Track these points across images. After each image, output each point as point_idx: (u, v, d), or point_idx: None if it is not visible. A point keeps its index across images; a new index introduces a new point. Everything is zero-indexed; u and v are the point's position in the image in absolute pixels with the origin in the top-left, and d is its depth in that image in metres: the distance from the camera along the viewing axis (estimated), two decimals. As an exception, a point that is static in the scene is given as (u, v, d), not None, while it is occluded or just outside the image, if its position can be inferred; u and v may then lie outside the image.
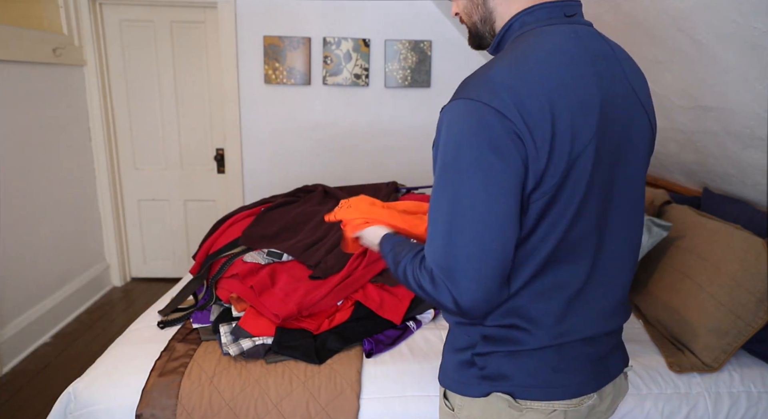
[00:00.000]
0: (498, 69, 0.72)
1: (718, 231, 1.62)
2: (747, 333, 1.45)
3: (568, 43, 0.75)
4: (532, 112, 0.68)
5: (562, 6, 0.80)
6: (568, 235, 0.76)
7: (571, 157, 0.71)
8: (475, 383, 0.85)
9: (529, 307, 0.80)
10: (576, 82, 0.72)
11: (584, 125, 0.71)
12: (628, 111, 0.79)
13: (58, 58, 2.79)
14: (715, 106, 1.50)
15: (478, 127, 0.69)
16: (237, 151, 3.33)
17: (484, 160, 0.68)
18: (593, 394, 0.85)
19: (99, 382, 1.42)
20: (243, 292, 1.68)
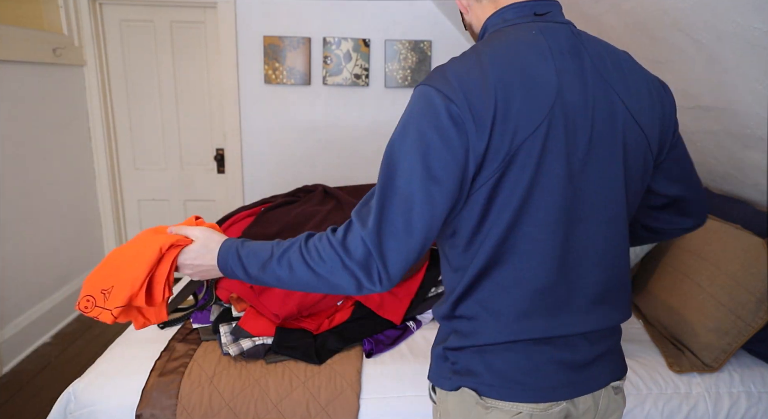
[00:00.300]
0: (454, 60, 0.78)
1: (718, 231, 1.62)
2: (747, 333, 1.45)
3: (528, 36, 0.78)
4: (476, 97, 0.72)
5: (531, 5, 0.82)
6: (521, 225, 0.76)
7: (514, 142, 0.73)
8: (448, 377, 0.87)
9: (492, 298, 0.81)
10: (527, 70, 0.74)
11: (531, 112, 0.73)
12: (602, 110, 0.78)
13: (58, 58, 2.79)
14: (715, 106, 1.50)
15: (426, 108, 0.73)
16: (237, 151, 3.33)
17: (426, 138, 0.72)
18: (562, 402, 0.82)
19: (99, 382, 1.42)
20: (243, 292, 1.68)
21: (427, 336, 1.65)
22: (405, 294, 1.73)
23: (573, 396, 0.83)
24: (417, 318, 1.73)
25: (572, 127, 0.76)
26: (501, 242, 0.77)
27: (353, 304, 1.70)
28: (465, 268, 0.82)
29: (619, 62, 0.83)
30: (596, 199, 0.80)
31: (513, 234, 0.77)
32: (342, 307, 1.70)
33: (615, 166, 0.80)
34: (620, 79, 0.81)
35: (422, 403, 1.41)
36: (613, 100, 0.79)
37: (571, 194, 0.77)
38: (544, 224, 0.77)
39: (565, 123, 0.75)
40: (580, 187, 0.78)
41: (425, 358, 1.53)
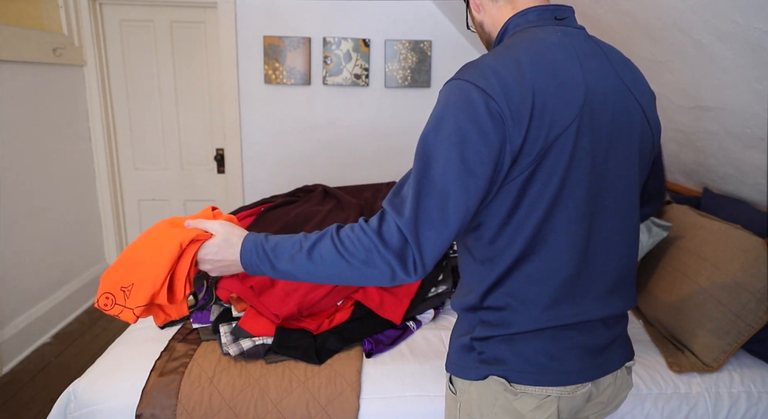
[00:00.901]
0: (488, 57, 0.80)
1: (718, 231, 1.62)
2: (747, 333, 1.45)
3: (555, 37, 0.82)
4: (514, 93, 0.75)
5: (552, 10, 0.87)
6: (552, 219, 0.80)
7: (549, 137, 0.76)
8: (474, 367, 0.89)
9: (523, 289, 0.84)
10: (559, 70, 0.78)
11: (565, 110, 0.77)
12: (621, 107, 0.84)
13: (58, 58, 2.79)
14: (715, 106, 1.50)
15: (463, 102, 0.75)
16: (237, 151, 3.33)
17: (463, 131, 0.74)
18: (588, 384, 0.87)
19: (99, 382, 1.42)
20: (243, 292, 1.68)
21: (427, 336, 1.65)
22: (405, 294, 1.73)
23: (596, 377, 0.88)
24: (417, 318, 1.73)
25: (597, 124, 0.80)
26: (534, 234, 0.80)
27: (353, 304, 1.70)
28: (493, 260, 0.84)
29: (629, 65, 0.89)
30: (615, 191, 0.85)
31: (545, 226, 0.80)
32: (342, 307, 1.70)
33: (631, 161, 0.86)
34: (634, 80, 0.88)
35: (422, 403, 1.41)
36: (629, 99, 0.85)
37: (595, 187, 0.82)
38: (573, 216, 0.81)
39: (591, 120, 0.79)
40: (602, 180, 0.83)
41: (425, 358, 1.53)
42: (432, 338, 1.64)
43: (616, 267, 0.88)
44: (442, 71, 3.29)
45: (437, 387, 1.44)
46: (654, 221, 1.77)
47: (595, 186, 0.82)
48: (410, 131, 3.37)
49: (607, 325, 0.90)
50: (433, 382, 1.45)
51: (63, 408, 1.41)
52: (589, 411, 0.94)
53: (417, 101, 3.33)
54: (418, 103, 3.34)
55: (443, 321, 1.75)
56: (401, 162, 3.43)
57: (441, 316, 1.78)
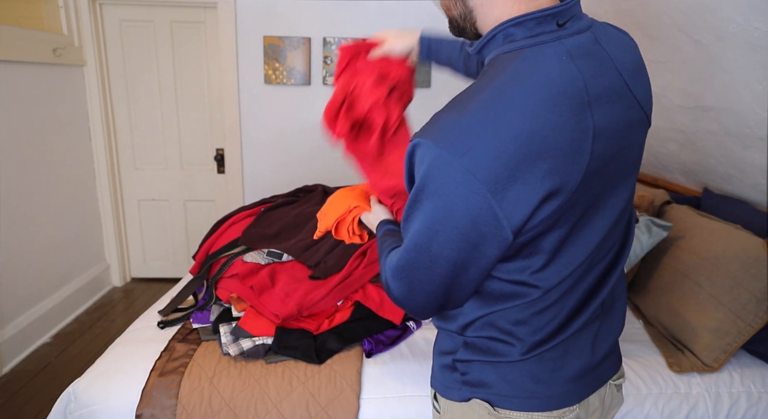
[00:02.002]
0: (472, 114, 0.64)
1: (718, 231, 1.62)
2: (747, 333, 1.45)
3: (557, 69, 0.66)
4: (506, 168, 0.62)
5: (554, 14, 0.69)
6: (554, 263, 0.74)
7: (562, 200, 0.67)
8: (456, 387, 0.85)
9: (505, 321, 0.79)
10: (561, 123, 0.64)
11: (570, 176, 0.66)
12: (627, 127, 0.74)
13: (58, 58, 2.79)
14: (715, 106, 1.50)
15: (459, 196, 0.64)
16: (237, 151, 3.33)
17: (463, 231, 0.66)
18: (575, 407, 0.82)
19: (99, 382, 1.42)
20: (243, 292, 1.68)
21: (427, 336, 1.65)
22: (405, 294, 1.73)
23: (582, 398, 0.83)
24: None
25: (603, 162, 0.70)
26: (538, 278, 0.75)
27: (353, 304, 1.70)
28: (485, 302, 0.80)
29: (635, 58, 0.77)
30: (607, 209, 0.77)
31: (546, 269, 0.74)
32: (342, 307, 1.70)
33: (631, 175, 0.79)
34: (638, 78, 0.76)
35: (422, 403, 1.41)
36: (635, 109, 0.75)
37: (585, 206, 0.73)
38: (579, 259, 0.75)
39: (599, 163, 0.69)
40: (596, 201, 0.74)
41: (425, 358, 1.53)
42: (432, 338, 1.64)
43: (608, 282, 0.82)
44: (442, 71, 3.29)
45: (437, 387, 1.44)
46: (654, 221, 1.76)
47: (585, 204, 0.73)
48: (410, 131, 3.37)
49: (594, 344, 0.85)
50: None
51: (63, 408, 1.41)
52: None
53: (417, 101, 3.32)
54: (418, 103, 3.33)
55: (443, 321, 1.75)
56: (401, 162, 3.42)
57: (441, 316, 1.78)
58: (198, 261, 2.02)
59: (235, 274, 1.77)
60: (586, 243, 0.75)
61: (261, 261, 1.86)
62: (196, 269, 2.01)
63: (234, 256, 1.90)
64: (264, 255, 1.90)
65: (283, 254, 1.91)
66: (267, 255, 1.90)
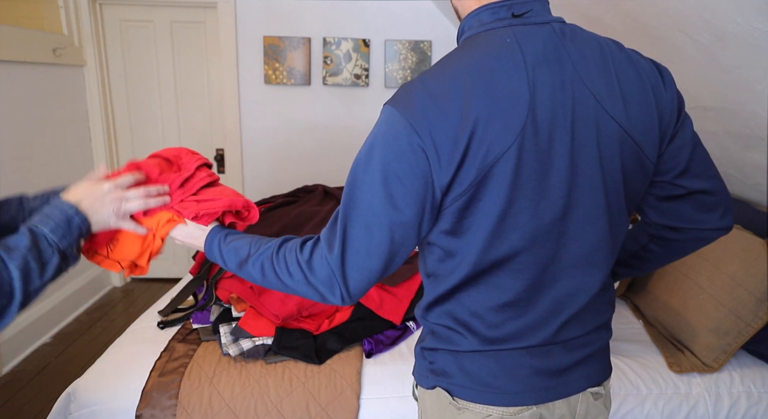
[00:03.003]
0: (421, 79, 0.74)
1: (718, 231, 1.62)
2: (747, 333, 1.45)
3: (500, 46, 0.73)
4: (441, 124, 0.70)
5: (509, 5, 0.76)
6: (496, 245, 0.75)
7: (483, 165, 0.70)
8: (425, 375, 0.88)
9: (461, 311, 0.81)
10: (498, 88, 0.70)
11: (501, 135, 0.70)
12: (584, 121, 0.74)
13: (58, 58, 2.79)
14: (715, 106, 1.50)
15: (390, 134, 0.72)
16: (237, 151, 3.33)
17: (388, 166, 0.71)
18: (532, 407, 0.82)
19: (99, 382, 1.42)
20: (243, 293, 1.68)
21: (427, 337, 1.65)
22: (405, 294, 1.73)
23: (542, 401, 0.82)
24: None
25: (546, 145, 0.72)
26: (476, 263, 0.77)
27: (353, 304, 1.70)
28: (438, 278, 0.82)
29: (606, 62, 0.76)
30: (576, 214, 0.77)
31: (488, 254, 0.76)
32: (342, 308, 1.70)
33: (596, 180, 0.77)
34: (606, 84, 0.75)
35: (422, 403, 1.41)
36: (594, 110, 0.74)
37: (547, 213, 0.75)
38: (517, 245, 0.75)
39: (538, 141, 0.72)
40: (557, 205, 0.75)
41: (425, 358, 1.53)
42: (432, 338, 1.64)
43: (581, 292, 0.81)
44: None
45: (437, 387, 1.44)
46: (654, 221, 1.76)
47: (549, 212, 0.75)
48: (410, 131, 3.37)
49: (568, 348, 0.83)
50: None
51: (63, 408, 1.41)
52: None
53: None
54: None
55: (443, 321, 1.75)
56: (401, 162, 3.43)
57: (441, 316, 1.78)
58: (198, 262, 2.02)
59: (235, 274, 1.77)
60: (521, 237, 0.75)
61: (261, 261, 1.86)
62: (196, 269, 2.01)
63: (234, 256, 1.90)
64: (264, 256, 1.89)
65: (283, 254, 1.91)
66: (267, 256, 1.90)
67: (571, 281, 0.80)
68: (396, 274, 1.81)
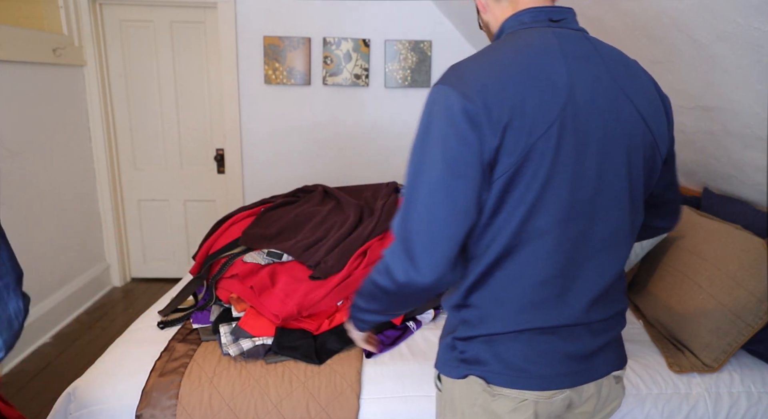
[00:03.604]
0: (469, 60, 0.82)
1: (718, 231, 1.62)
2: (747, 333, 1.45)
3: (542, 40, 0.81)
4: (491, 97, 0.75)
5: (548, 11, 0.87)
6: (533, 220, 0.80)
7: (529, 139, 0.76)
8: (455, 365, 0.90)
9: (501, 289, 0.84)
10: (540, 72, 0.78)
11: (544, 112, 0.76)
12: (614, 112, 0.82)
13: (58, 58, 2.79)
14: (715, 106, 1.50)
15: (443, 106, 0.77)
16: (237, 151, 3.33)
17: (445, 136, 0.76)
18: (566, 390, 0.87)
19: (99, 382, 1.42)
20: (243, 292, 1.68)
21: (427, 336, 1.65)
22: (405, 294, 1.72)
23: (575, 384, 0.87)
24: (417, 318, 1.73)
25: (584, 127, 0.79)
26: (515, 234, 0.80)
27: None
28: (476, 258, 0.85)
29: (630, 69, 0.86)
30: (607, 198, 0.84)
31: (527, 227, 0.80)
32: (342, 307, 1.70)
33: (622, 168, 0.84)
34: (633, 85, 0.85)
35: (422, 403, 1.41)
36: (625, 104, 0.83)
37: (581, 192, 0.81)
38: (556, 219, 0.80)
39: (576, 124, 0.78)
40: (590, 186, 0.81)
41: (425, 358, 1.53)
42: (432, 338, 1.64)
43: (606, 274, 0.87)
44: (442, 71, 3.29)
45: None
46: (654, 221, 1.76)
47: (583, 191, 0.81)
48: (410, 131, 3.37)
49: (593, 331, 0.89)
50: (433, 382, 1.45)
51: (63, 408, 1.41)
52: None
53: (417, 101, 3.33)
54: (418, 103, 3.34)
55: (443, 321, 1.75)
56: (401, 162, 3.43)
57: (441, 316, 1.78)
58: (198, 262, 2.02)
59: (235, 274, 1.77)
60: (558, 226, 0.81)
61: (261, 261, 1.86)
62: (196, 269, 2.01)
63: (234, 256, 1.90)
64: (264, 256, 1.90)
65: (283, 254, 1.91)
66: (267, 256, 1.90)
67: (599, 262, 0.86)
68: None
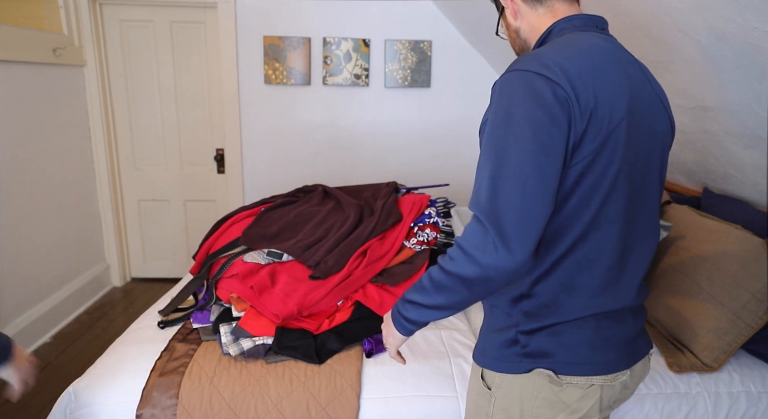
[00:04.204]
0: (545, 50, 0.84)
1: (718, 231, 1.62)
2: (747, 333, 1.45)
3: (601, 41, 0.88)
4: (577, 83, 0.79)
5: (595, 19, 0.95)
6: (605, 206, 0.84)
7: (609, 126, 0.81)
8: (517, 361, 0.91)
9: (573, 276, 0.87)
10: (609, 69, 0.83)
11: (618, 105, 0.82)
12: (654, 114, 0.90)
13: (58, 58, 2.79)
14: (715, 106, 1.51)
15: (528, 90, 0.79)
16: (237, 151, 3.33)
17: (533, 117, 0.77)
18: (627, 371, 0.92)
19: (99, 382, 1.42)
20: (243, 292, 1.68)
21: (427, 336, 1.65)
22: (405, 294, 1.73)
23: (631, 365, 0.93)
24: (417, 318, 1.73)
25: (638, 127, 0.86)
26: (592, 219, 0.85)
27: (353, 304, 1.70)
28: (548, 244, 0.86)
29: (648, 73, 0.95)
30: (648, 191, 0.91)
31: (601, 212, 0.84)
32: (342, 307, 1.70)
33: (658, 164, 0.92)
34: (660, 88, 0.95)
35: (422, 403, 1.41)
36: (659, 107, 0.91)
37: (636, 185, 0.88)
38: (621, 207, 0.85)
39: (633, 123, 0.84)
40: (640, 180, 0.88)
41: (425, 358, 1.53)
42: (432, 338, 1.64)
43: (645, 261, 0.94)
44: (442, 71, 3.29)
45: (437, 387, 1.44)
46: (654, 221, 1.76)
47: (635, 184, 0.87)
48: (410, 131, 3.37)
49: (635, 315, 0.95)
50: (433, 382, 1.45)
51: (63, 408, 1.41)
52: (620, 399, 0.99)
53: (417, 101, 3.33)
54: (418, 103, 3.34)
55: (443, 321, 1.75)
56: (401, 162, 3.43)
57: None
58: (198, 261, 2.02)
59: (235, 274, 1.77)
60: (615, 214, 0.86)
61: (261, 261, 1.86)
62: (196, 269, 2.01)
63: (234, 256, 1.90)
64: (264, 255, 1.90)
65: (283, 254, 1.91)
66: (267, 255, 1.90)
67: (642, 249, 0.93)
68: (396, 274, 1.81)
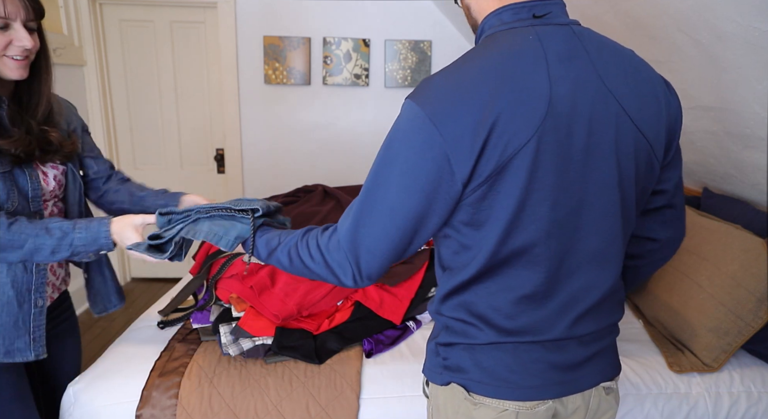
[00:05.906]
0: (443, 74, 0.76)
1: (718, 231, 1.62)
2: (747, 333, 1.45)
3: (522, 43, 0.74)
4: (461, 118, 0.71)
5: (530, 7, 0.78)
6: (512, 238, 0.76)
7: (502, 158, 0.72)
8: (438, 372, 0.89)
9: (478, 304, 0.82)
10: (519, 82, 0.72)
11: (522, 128, 0.71)
12: (601, 117, 0.76)
13: (58, 58, 2.79)
14: (715, 106, 1.51)
15: (409, 126, 0.74)
16: (237, 151, 3.33)
17: (408, 158, 0.74)
18: (549, 401, 0.83)
19: (99, 382, 1.41)
20: (243, 292, 1.68)
21: (427, 336, 1.65)
22: (405, 294, 1.73)
23: (559, 395, 0.84)
24: (417, 318, 1.73)
25: (565, 139, 0.74)
26: (493, 255, 0.78)
27: (353, 304, 1.70)
28: (454, 271, 0.83)
29: (624, 65, 0.79)
30: (594, 209, 0.79)
31: (503, 248, 0.77)
32: (342, 307, 1.70)
33: (611, 177, 0.78)
34: (623, 84, 0.78)
35: (422, 403, 1.41)
36: (613, 108, 0.77)
37: (564, 206, 0.76)
38: (534, 237, 0.76)
39: (557, 136, 0.73)
40: (574, 199, 0.77)
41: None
42: (432, 338, 1.64)
43: (598, 287, 0.83)
44: (442, 71, 3.29)
45: (437, 387, 1.44)
46: (654, 221, 1.76)
47: (565, 205, 0.76)
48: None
49: (583, 342, 0.85)
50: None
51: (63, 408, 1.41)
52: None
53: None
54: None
55: (443, 321, 1.75)
56: (401, 162, 3.43)
57: (441, 316, 1.78)
58: (198, 261, 2.02)
59: (235, 274, 1.77)
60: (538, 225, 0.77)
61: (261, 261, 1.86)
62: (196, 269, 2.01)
63: (234, 256, 1.90)
64: (264, 255, 1.89)
65: (283, 254, 1.91)
66: (267, 255, 1.90)
67: (586, 276, 0.82)
68: (396, 274, 1.81)
